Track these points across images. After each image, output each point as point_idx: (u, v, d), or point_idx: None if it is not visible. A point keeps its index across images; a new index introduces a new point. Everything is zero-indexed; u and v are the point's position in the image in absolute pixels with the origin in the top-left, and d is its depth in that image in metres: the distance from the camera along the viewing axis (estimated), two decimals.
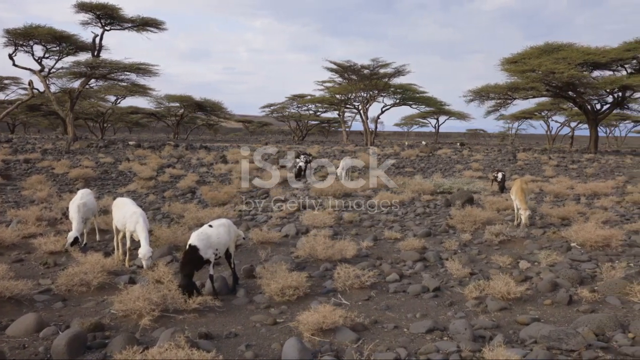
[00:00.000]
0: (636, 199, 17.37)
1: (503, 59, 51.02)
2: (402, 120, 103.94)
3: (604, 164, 33.13)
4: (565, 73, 42.93)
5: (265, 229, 12.09)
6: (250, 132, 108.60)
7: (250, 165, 26.67)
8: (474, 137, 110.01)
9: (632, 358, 5.75)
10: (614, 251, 10.66)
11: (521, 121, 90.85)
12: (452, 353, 5.81)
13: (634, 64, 46.94)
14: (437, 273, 9.44)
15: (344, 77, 60.70)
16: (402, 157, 35.14)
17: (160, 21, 50.37)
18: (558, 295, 7.90)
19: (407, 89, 64.15)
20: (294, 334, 6.52)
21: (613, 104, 50.00)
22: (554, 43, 48.59)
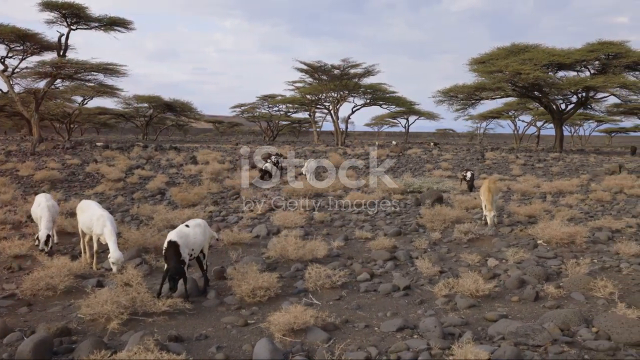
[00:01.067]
0: (600, 197, 17.81)
1: (471, 59, 51.78)
2: (373, 120, 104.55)
3: (569, 162, 33.85)
4: (531, 74, 43.75)
5: (236, 230, 12.04)
6: (221, 133, 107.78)
7: (221, 166, 26.54)
8: (443, 137, 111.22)
9: (595, 352, 5.90)
10: (579, 248, 10.91)
11: (489, 121, 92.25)
12: (422, 351, 5.88)
13: (596, 65, 48.10)
14: (407, 272, 9.52)
15: (315, 77, 60.70)
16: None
17: (128, 21, 49.72)
18: (525, 292, 8.06)
19: (377, 89, 64.48)
20: (265, 334, 6.50)
21: (577, 104, 51.14)
22: (520, 44, 49.49)
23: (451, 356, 5.56)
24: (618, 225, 12.88)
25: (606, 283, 7.95)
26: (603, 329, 6.34)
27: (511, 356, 5.48)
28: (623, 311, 6.88)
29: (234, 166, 28.63)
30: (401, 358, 5.80)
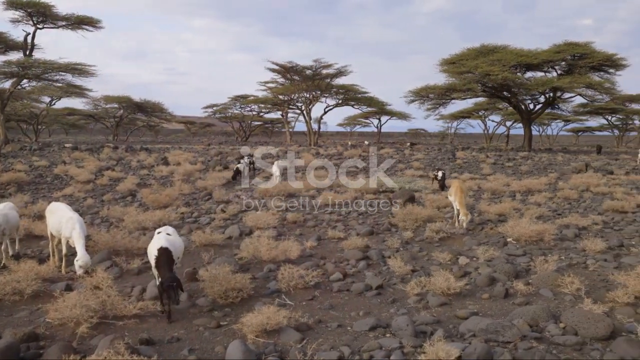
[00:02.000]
0: (567, 195, 18.21)
1: (442, 60, 52.30)
2: (345, 121, 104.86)
3: (537, 161, 34.46)
4: (499, 75, 44.42)
5: (208, 231, 11.96)
6: (193, 134, 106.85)
7: (193, 167, 26.31)
8: (415, 137, 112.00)
9: (563, 347, 6.02)
10: (547, 245, 11.13)
11: (460, 120, 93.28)
12: (395, 349, 5.92)
13: (563, 65, 49.07)
14: (380, 271, 9.58)
15: (287, 77, 60.62)
16: (345, 157, 35.42)
17: (97, 20, 48.90)
18: (495, 289, 8.19)
19: (349, 90, 64.68)
20: (237, 336, 6.47)
21: (545, 103, 52.08)
22: (489, 45, 50.18)
23: (423, 354, 5.61)
24: (584, 223, 13.18)
25: (573, 279, 8.13)
26: (570, 324, 6.48)
27: (481, 353, 5.56)
28: (589, 306, 7.04)
29: (206, 167, 28.42)
30: (374, 357, 5.83)
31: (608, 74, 49.30)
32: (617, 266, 9.39)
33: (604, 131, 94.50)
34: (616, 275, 8.19)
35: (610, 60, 47.28)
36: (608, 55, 46.82)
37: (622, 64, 48.16)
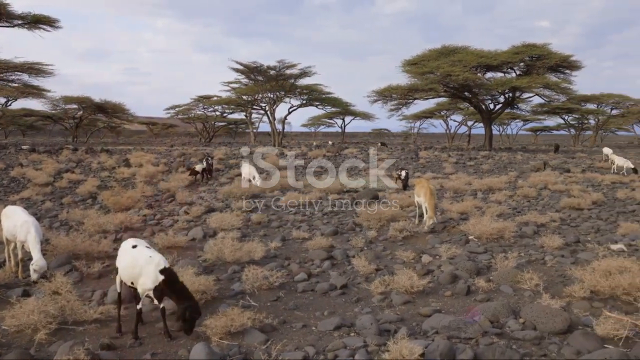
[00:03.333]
0: (526, 193, 18.62)
1: (404, 60, 52.74)
2: (309, 121, 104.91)
3: (497, 160, 35.11)
4: (460, 75, 45.08)
5: (171, 233, 11.81)
6: (155, 135, 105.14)
7: (155, 169, 25.94)
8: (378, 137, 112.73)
9: (522, 341, 6.16)
10: (507, 242, 11.37)
11: (422, 120, 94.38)
12: (359, 348, 5.96)
13: (521, 66, 50.11)
14: (344, 271, 9.63)
15: (250, 78, 60.14)
16: (309, 157, 35.45)
17: (54, 19, 47.56)
18: (457, 287, 8.33)
19: (313, 90, 64.67)
20: (201, 338, 6.42)
21: (504, 103, 53.08)
22: (450, 46, 50.87)
23: (387, 353, 5.67)
24: (543, 220, 13.51)
25: (532, 275, 8.34)
26: (529, 319, 6.64)
27: (444, 350, 5.64)
28: (547, 301, 7.24)
29: (169, 168, 28.04)
30: (338, 356, 5.86)
31: (564, 74, 50.61)
32: (573, 262, 9.66)
33: (561, 130, 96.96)
34: (573, 271, 8.43)
35: (566, 62, 48.53)
36: (564, 57, 48.05)
37: (578, 65, 49.51)
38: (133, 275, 6.69)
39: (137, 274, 6.62)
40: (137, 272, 6.61)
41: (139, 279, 6.61)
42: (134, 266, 6.65)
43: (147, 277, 6.51)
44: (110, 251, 10.75)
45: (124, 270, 6.84)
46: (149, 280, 6.48)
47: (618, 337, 6.08)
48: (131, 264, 6.69)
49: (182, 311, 6.35)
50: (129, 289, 8.09)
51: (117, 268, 7.05)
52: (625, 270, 7.73)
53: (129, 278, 6.79)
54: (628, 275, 7.51)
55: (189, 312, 6.31)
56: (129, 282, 6.83)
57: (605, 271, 7.88)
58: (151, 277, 6.46)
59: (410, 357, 5.50)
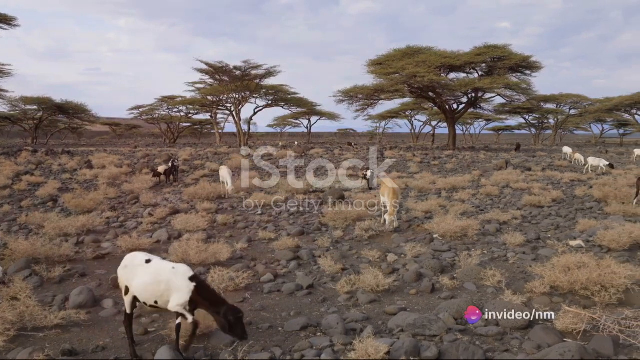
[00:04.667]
0: (489, 191, 18.97)
1: (369, 60, 53.09)
2: (275, 121, 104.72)
3: (461, 159, 35.65)
4: (425, 77, 45.63)
5: (135, 236, 11.62)
6: (119, 136, 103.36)
7: (119, 170, 25.51)
8: (344, 137, 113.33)
9: (485, 337, 6.28)
10: (471, 240, 11.56)
11: (388, 120, 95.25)
12: (326, 348, 5.99)
13: (484, 67, 51.02)
14: (310, 271, 9.65)
15: (216, 78, 59.76)
16: (275, 157, 35.36)
17: (11, 17, 46.41)
18: (422, 285, 8.43)
19: (278, 90, 64.63)
20: (166, 342, 6.34)
21: (468, 104, 53.96)
22: (414, 47, 51.41)
23: (353, 352, 5.70)
24: (505, 218, 13.80)
25: (495, 272, 8.51)
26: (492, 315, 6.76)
27: (409, 347, 5.71)
28: (509, 298, 7.39)
29: (133, 170, 27.59)
30: (305, 356, 5.87)
31: (525, 75, 51.75)
32: (534, 258, 9.90)
33: (522, 130, 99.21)
34: (534, 267, 8.63)
35: (526, 62, 49.63)
36: (524, 58, 49.11)
37: (538, 66, 50.68)
38: (158, 293, 5.90)
39: (163, 290, 5.86)
40: (164, 288, 5.85)
41: (168, 296, 5.87)
42: (157, 282, 5.87)
43: (179, 290, 5.80)
44: (71, 255, 10.52)
45: (143, 289, 5.96)
46: (183, 293, 5.77)
47: (577, 331, 6.26)
48: (153, 280, 5.89)
49: (225, 317, 5.68)
50: (90, 292, 7.96)
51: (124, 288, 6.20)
52: (583, 266, 7.95)
53: (151, 297, 5.94)
54: (586, 270, 7.72)
55: (232, 315, 5.69)
56: (150, 302, 5.99)
57: (565, 267, 8.09)
58: (184, 288, 5.78)
59: (376, 356, 5.55)
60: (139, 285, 5.97)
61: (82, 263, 10.20)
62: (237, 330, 5.73)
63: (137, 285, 5.99)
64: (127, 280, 6.13)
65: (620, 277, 7.43)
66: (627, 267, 7.81)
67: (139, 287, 5.97)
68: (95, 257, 10.55)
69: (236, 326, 5.70)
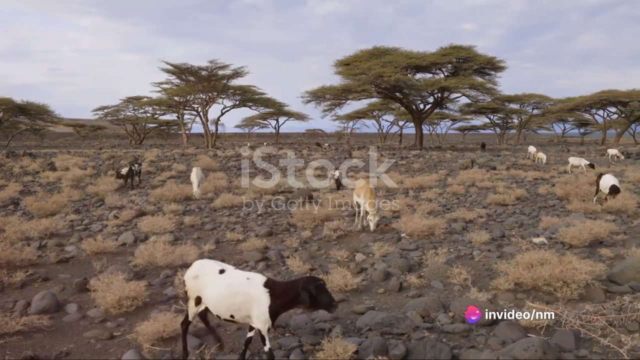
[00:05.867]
0: (455, 190, 19.24)
1: (336, 61, 53.36)
2: (243, 122, 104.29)
3: (428, 159, 36.09)
4: (392, 77, 46.08)
5: (100, 239, 11.39)
6: (83, 137, 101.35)
7: (83, 172, 25.04)
8: (312, 137, 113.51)
9: (452, 334, 6.37)
10: (437, 239, 11.71)
11: (355, 121, 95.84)
12: (294, 348, 5.99)
13: (449, 67, 51.79)
14: (279, 271, 9.63)
15: (182, 78, 59.15)
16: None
17: None
18: (390, 284, 8.50)
19: (246, 91, 64.40)
20: (132, 346, 6.25)
21: (434, 104, 54.71)
22: (381, 47, 51.88)
23: (321, 352, 5.72)
24: (471, 216, 14.02)
25: (461, 270, 8.64)
26: (458, 312, 6.87)
27: (377, 346, 5.75)
28: (475, 295, 7.52)
29: (98, 172, 27.12)
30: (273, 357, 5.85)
31: (489, 75, 52.72)
32: (499, 256, 10.09)
33: (487, 129, 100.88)
34: (499, 264, 8.77)
35: (490, 63, 50.60)
36: (489, 59, 50.05)
37: (501, 67, 51.72)
38: (234, 307, 5.44)
39: (239, 303, 5.40)
40: (240, 301, 5.39)
41: (247, 310, 5.41)
42: (233, 294, 5.41)
43: (258, 303, 5.34)
44: (34, 259, 10.28)
45: (217, 302, 5.52)
46: (262, 305, 5.33)
47: (540, 326, 6.39)
48: (229, 292, 5.43)
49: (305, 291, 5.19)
50: (53, 297, 7.78)
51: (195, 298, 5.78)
52: (546, 262, 8.12)
53: (226, 311, 5.51)
54: (548, 267, 7.89)
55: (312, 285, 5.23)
56: (225, 316, 5.55)
57: (528, 264, 8.25)
58: (263, 300, 5.33)
59: (344, 355, 5.58)
60: (213, 297, 5.56)
61: (45, 267, 9.97)
62: (323, 299, 5.23)
63: (210, 297, 5.58)
64: (199, 291, 5.72)
65: (581, 272, 7.63)
66: (587, 262, 8.02)
67: (213, 299, 5.56)
68: (59, 260, 10.32)
69: (320, 296, 5.21)
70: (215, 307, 5.57)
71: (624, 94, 66.89)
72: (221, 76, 56.91)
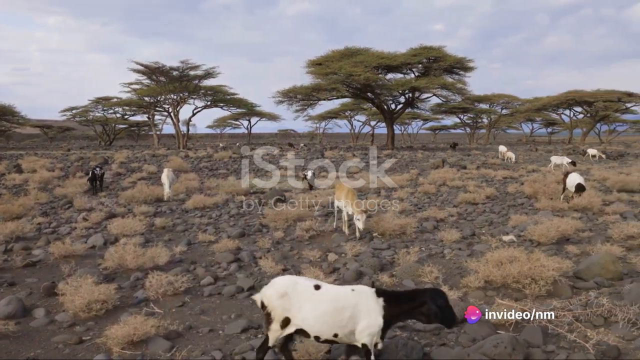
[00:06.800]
0: (426, 190, 19.43)
1: (308, 61, 53.36)
2: (215, 122, 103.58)
3: (400, 159, 36.34)
4: (362, 76, 46.30)
5: (68, 242, 11.18)
6: (50, 138, 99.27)
7: (50, 174, 24.55)
8: (285, 137, 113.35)
9: (423, 332, 6.44)
10: (409, 238, 11.82)
11: (327, 121, 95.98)
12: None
13: (420, 67, 52.23)
14: (251, 272, 9.59)
15: (153, 79, 58.41)
16: (215, 159, 34.95)
17: None
18: (362, 283, 8.53)
19: (217, 91, 63.92)
20: (102, 350, 6.16)
21: (405, 104, 55.12)
22: (352, 47, 52.06)
23: (294, 351, 5.72)
24: (442, 215, 14.18)
25: (432, 269, 8.73)
26: None
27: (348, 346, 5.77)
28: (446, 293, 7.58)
29: (66, 174, 26.62)
30: (246, 359, 5.85)
31: (459, 75, 53.34)
32: (469, 254, 10.23)
33: (458, 129, 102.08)
34: (469, 263, 8.90)
35: (460, 63, 51.18)
36: (458, 59, 50.61)
37: (471, 67, 52.35)
38: (341, 324, 4.98)
39: (347, 319, 4.97)
40: (348, 316, 4.97)
41: (352, 325, 5.00)
42: (339, 310, 4.98)
43: (369, 313, 4.97)
44: (0, 263, 10.06)
45: (320, 321, 5.02)
46: (375, 316, 4.97)
47: (509, 323, 6.50)
48: (335, 308, 4.98)
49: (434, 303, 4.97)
50: (20, 302, 7.61)
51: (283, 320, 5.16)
52: (514, 260, 8.27)
53: (330, 330, 5.01)
54: (517, 264, 8.04)
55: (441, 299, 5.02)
56: (327, 336, 5.05)
57: (498, 261, 8.39)
58: (375, 311, 4.97)
59: (316, 355, 5.59)
60: (314, 317, 5.02)
61: (11, 271, 9.75)
62: (448, 315, 5.03)
63: (309, 317, 5.03)
64: (288, 312, 5.11)
65: (548, 269, 7.80)
66: (554, 259, 8.20)
67: (314, 319, 5.02)
68: (26, 264, 10.10)
69: (446, 311, 5.00)
70: (317, 327, 5.04)
71: (589, 94, 68.49)
72: (193, 76, 56.41)
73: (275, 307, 5.14)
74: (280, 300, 5.10)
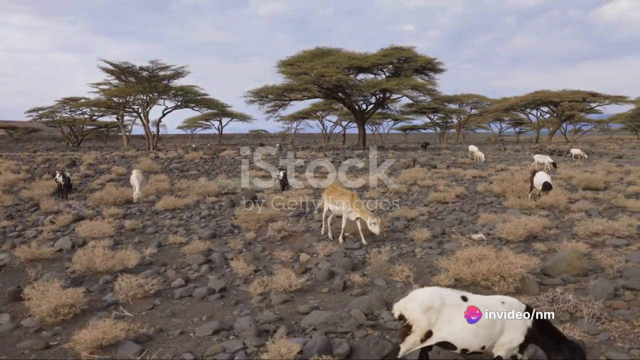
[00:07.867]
0: (398, 189, 19.56)
1: (279, 61, 53.28)
2: (185, 123, 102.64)
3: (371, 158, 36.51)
4: (333, 76, 46.44)
5: (34, 245, 10.95)
6: (16, 140, 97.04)
7: (16, 176, 24.02)
8: (256, 138, 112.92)
9: (395, 331, 6.49)
10: (380, 237, 11.87)
11: (299, 121, 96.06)
12: (238, 351, 5.95)
13: (390, 68, 52.61)
14: (223, 274, 9.53)
15: (121, 79, 57.58)
16: (186, 160, 34.65)
17: None
18: (334, 283, 8.57)
19: (188, 91, 63.40)
20: (69, 355, 6.04)
21: (376, 104, 55.46)
22: (324, 48, 52.18)
23: (266, 353, 5.71)
24: (413, 214, 14.30)
25: (403, 268, 8.81)
26: None
27: (321, 345, 5.79)
28: None
29: (32, 176, 26.06)
30: None
31: (429, 76, 53.89)
32: (440, 252, 10.34)
33: (428, 129, 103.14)
34: (439, 261, 9.01)
35: (430, 64, 51.72)
36: (429, 60, 51.13)
37: (441, 68, 52.96)
38: (490, 336, 4.91)
39: (497, 331, 4.91)
40: (498, 329, 4.90)
41: (499, 337, 4.92)
42: (493, 322, 4.88)
43: (515, 331, 4.91)
44: None
45: (471, 334, 4.91)
46: (519, 333, 4.91)
47: None
48: (488, 321, 4.89)
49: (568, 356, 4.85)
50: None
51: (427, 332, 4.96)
52: (484, 258, 8.40)
53: (479, 342, 4.93)
54: (486, 262, 8.17)
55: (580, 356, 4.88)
56: (476, 348, 4.97)
57: (467, 260, 8.51)
58: (521, 327, 4.92)
59: (288, 356, 5.59)
60: (465, 329, 4.91)
61: None
62: None
63: (459, 330, 4.91)
64: (433, 325, 4.95)
65: (516, 266, 7.94)
66: (522, 257, 8.35)
67: (464, 332, 4.91)
68: None
69: None
70: (466, 340, 4.92)
71: (555, 94, 69.97)
72: (162, 77, 55.80)
73: (418, 320, 4.96)
74: (427, 314, 4.93)
